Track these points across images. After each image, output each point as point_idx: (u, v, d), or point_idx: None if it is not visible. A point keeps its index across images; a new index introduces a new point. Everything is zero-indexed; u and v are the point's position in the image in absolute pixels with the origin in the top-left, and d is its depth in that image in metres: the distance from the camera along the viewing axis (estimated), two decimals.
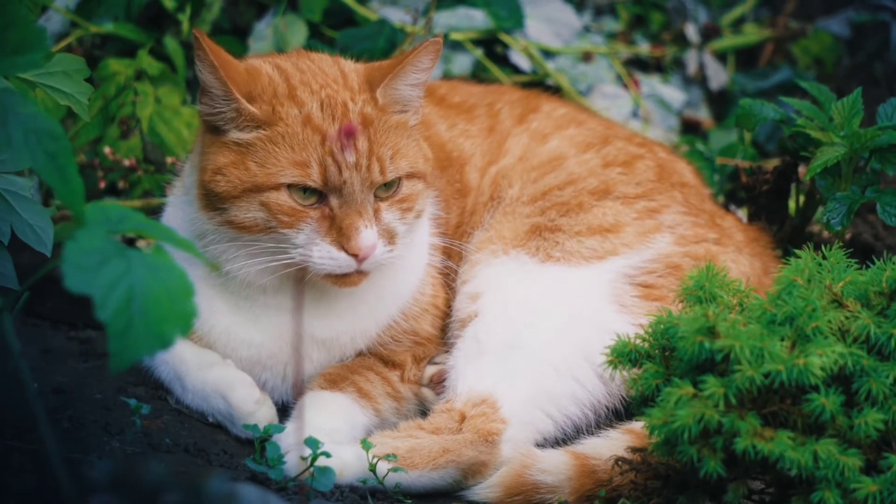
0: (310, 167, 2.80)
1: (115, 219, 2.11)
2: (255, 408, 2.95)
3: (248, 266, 2.89)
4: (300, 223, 2.83)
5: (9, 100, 2.18)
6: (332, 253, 2.82)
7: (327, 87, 2.88)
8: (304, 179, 2.81)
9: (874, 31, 4.54)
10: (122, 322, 2.01)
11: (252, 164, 2.83)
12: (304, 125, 2.82)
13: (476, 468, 2.82)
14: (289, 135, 2.82)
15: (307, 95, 2.86)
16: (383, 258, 2.86)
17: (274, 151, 2.82)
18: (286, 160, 2.81)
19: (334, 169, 2.80)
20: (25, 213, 2.83)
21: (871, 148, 3.18)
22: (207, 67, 2.82)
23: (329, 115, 2.84)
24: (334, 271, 2.84)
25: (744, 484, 2.46)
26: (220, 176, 2.85)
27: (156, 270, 2.06)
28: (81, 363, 3.29)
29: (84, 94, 2.83)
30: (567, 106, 3.48)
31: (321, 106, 2.85)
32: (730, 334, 2.43)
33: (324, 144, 2.81)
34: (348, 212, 2.81)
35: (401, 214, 2.90)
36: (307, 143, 2.81)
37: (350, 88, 2.89)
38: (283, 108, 2.84)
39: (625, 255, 3.06)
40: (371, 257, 2.83)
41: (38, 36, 2.33)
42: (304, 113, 2.83)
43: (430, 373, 3.09)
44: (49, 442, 2.11)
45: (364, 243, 2.80)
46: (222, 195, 2.85)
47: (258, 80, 2.88)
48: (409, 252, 3.02)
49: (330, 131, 2.81)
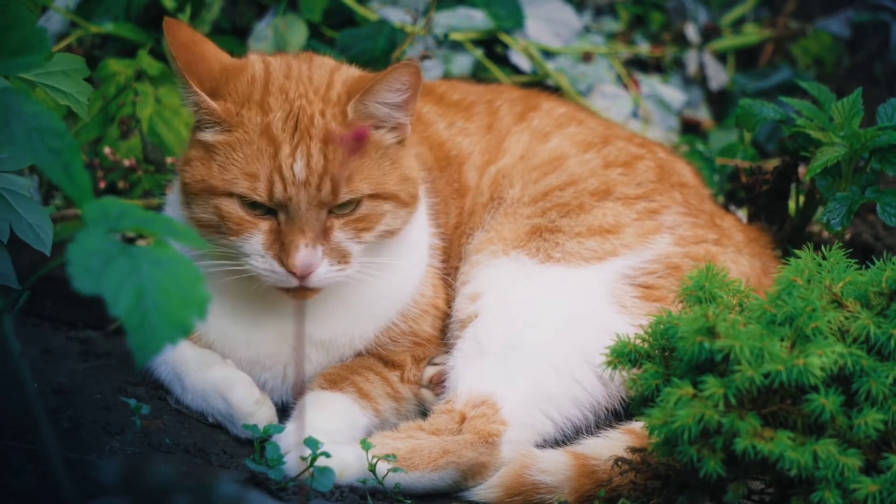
0: (258, 181, 2.79)
1: (114, 215, 2.11)
2: (254, 408, 2.95)
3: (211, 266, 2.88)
4: (246, 233, 2.82)
5: (11, 99, 2.19)
6: (273, 266, 2.81)
7: (303, 98, 2.85)
8: (250, 193, 2.79)
9: (874, 31, 4.54)
10: (138, 317, 2.02)
11: (214, 166, 2.83)
12: (261, 135, 2.80)
13: (476, 469, 2.82)
14: (246, 142, 2.81)
15: (278, 103, 2.84)
16: (330, 277, 2.83)
17: (231, 157, 2.81)
18: (238, 169, 2.80)
19: (280, 186, 2.78)
20: (25, 212, 2.83)
21: (871, 148, 3.18)
22: (169, 57, 2.83)
23: (290, 128, 2.81)
24: (277, 284, 2.84)
25: (744, 484, 2.46)
26: (188, 168, 2.86)
27: (161, 264, 2.07)
28: (81, 363, 3.29)
29: (83, 93, 2.83)
30: (567, 105, 3.48)
31: (286, 117, 2.82)
32: (730, 334, 2.43)
33: (275, 158, 2.78)
34: (292, 228, 2.79)
35: (355, 234, 2.85)
36: (259, 155, 2.79)
37: (326, 100, 2.86)
38: (248, 112, 2.82)
39: (625, 256, 3.06)
40: (313, 276, 2.80)
41: (39, 36, 2.34)
42: (265, 122, 2.81)
43: (429, 374, 3.09)
44: (49, 442, 2.11)
45: (300, 262, 2.78)
46: (186, 188, 2.86)
47: (236, 78, 2.87)
48: (406, 254, 3.02)
49: (286, 146, 2.78)
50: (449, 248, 3.19)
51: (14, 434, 2.62)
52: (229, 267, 2.85)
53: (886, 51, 4.48)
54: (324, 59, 3.02)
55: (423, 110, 3.31)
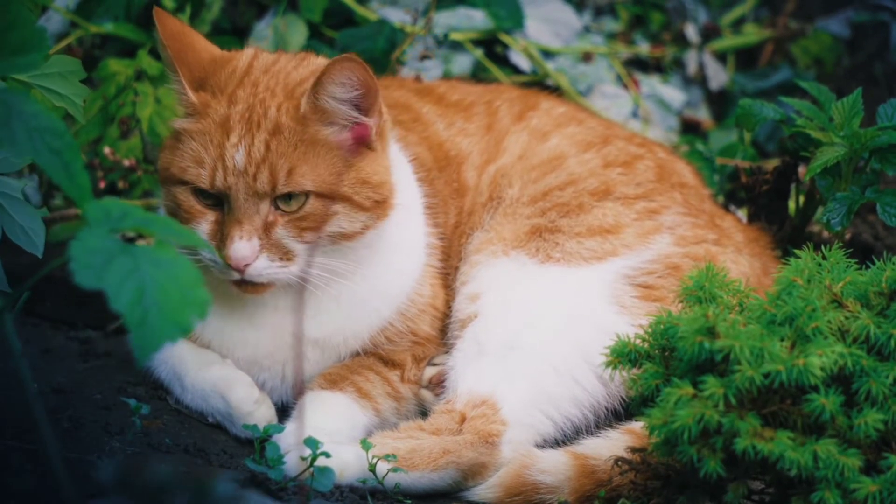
0: (203, 168, 2.82)
1: (116, 216, 2.12)
2: (254, 407, 2.95)
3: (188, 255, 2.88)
4: (195, 221, 2.85)
5: (11, 99, 2.19)
6: (214, 257, 2.83)
7: (268, 91, 2.87)
8: (195, 180, 2.82)
9: (874, 31, 4.54)
10: (139, 314, 2.03)
11: (175, 154, 2.87)
12: (218, 125, 2.83)
13: (476, 469, 2.82)
14: (204, 132, 2.83)
15: (245, 96, 2.86)
16: (270, 273, 2.83)
17: (189, 145, 2.84)
18: (190, 157, 2.84)
19: (221, 174, 2.80)
20: (17, 214, 2.83)
21: (871, 148, 3.18)
22: (160, 46, 2.86)
23: (245, 120, 2.83)
24: (220, 276, 2.85)
25: (744, 484, 2.46)
26: (161, 155, 2.92)
27: (162, 264, 2.08)
28: (81, 363, 3.29)
29: (79, 95, 2.83)
30: (566, 105, 3.48)
31: (246, 109, 2.84)
32: (730, 334, 2.43)
33: (221, 147, 2.81)
34: (230, 219, 2.81)
35: (297, 233, 2.84)
36: (210, 144, 2.82)
37: (289, 95, 2.87)
38: (216, 103, 2.86)
39: (624, 256, 3.06)
40: (252, 269, 2.80)
41: (39, 37, 2.34)
42: (226, 114, 2.84)
43: (429, 374, 3.09)
44: (49, 442, 2.11)
45: (234, 254, 2.78)
46: (158, 176, 2.92)
47: (220, 70, 2.91)
48: (398, 253, 3.02)
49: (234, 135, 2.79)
50: (448, 247, 3.19)
51: (14, 434, 2.62)
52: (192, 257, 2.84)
53: (886, 51, 4.48)
54: (319, 59, 3.02)
55: (423, 111, 3.31)
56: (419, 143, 3.24)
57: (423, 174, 3.18)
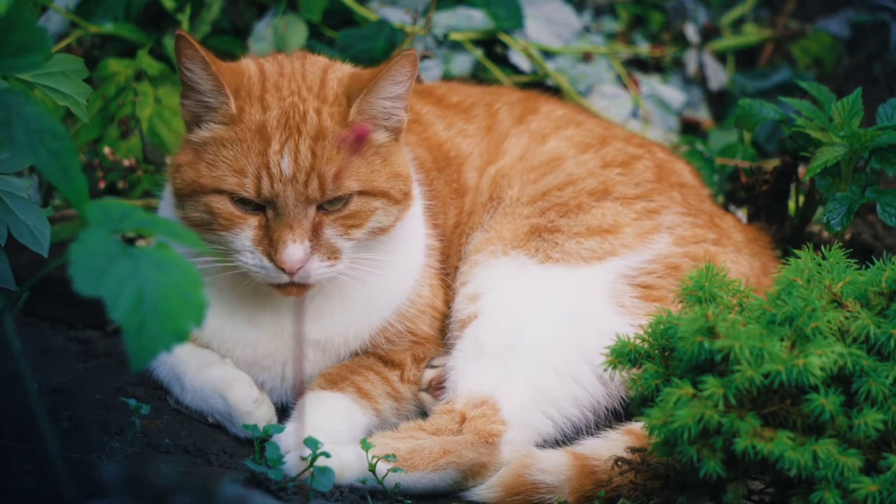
0: (246, 177, 2.81)
1: (116, 217, 2.12)
2: (253, 407, 2.95)
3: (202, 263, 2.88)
4: (237, 228, 2.84)
5: (11, 100, 2.19)
6: (263, 262, 2.83)
7: (296, 95, 2.87)
8: (237, 189, 2.81)
9: (874, 31, 4.54)
10: (136, 321, 2.03)
11: (202, 165, 2.84)
12: (255, 132, 2.82)
13: (476, 469, 2.83)
14: (239, 140, 2.82)
15: (274, 101, 2.86)
16: (321, 273, 2.84)
17: (222, 155, 2.83)
18: (228, 166, 2.82)
19: (267, 182, 2.79)
20: (22, 213, 2.83)
21: (870, 148, 3.18)
22: (199, 64, 2.82)
23: (282, 126, 2.82)
24: (268, 280, 2.85)
25: (743, 484, 2.46)
26: (178, 173, 2.89)
27: (162, 267, 2.08)
28: (81, 363, 3.29)
29: (82, 94, 2.83)
30: (566, 107, 3.48)
31: (281, 114, 2.83)
32: (729, 334, 2.43)
33: (264, 155, 2.80)
34: (280, 224, 2.81)
35: (344, 231, 2.86)
36: (249, 152, 2.81)
37: (321, 98, 2.87)
38: (250, 108, 2.84)
39: (624, 256, 3.07)
40: (303, 271, 2.81)
41: (40, 37, 2.34)
42: (261, 119, 2.83)
43: (428, 377, 3.09)
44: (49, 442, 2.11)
45: (289, 258, 2.79)
46: (178, 191, 2.89)
47: (241, 78, 2.89)
48: (401, 253, 3.02)
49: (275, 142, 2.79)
50: (448, 247, 3.19)
51: (14, 434, 2.62)
52: (219, 263, 2.86)
53: (886, 51, 4.48)
54: (317, 57, 3.03)
55: (423, 112, 3.31)
56: (419, 144, 3.25)
57: (423, 175, 3.18)
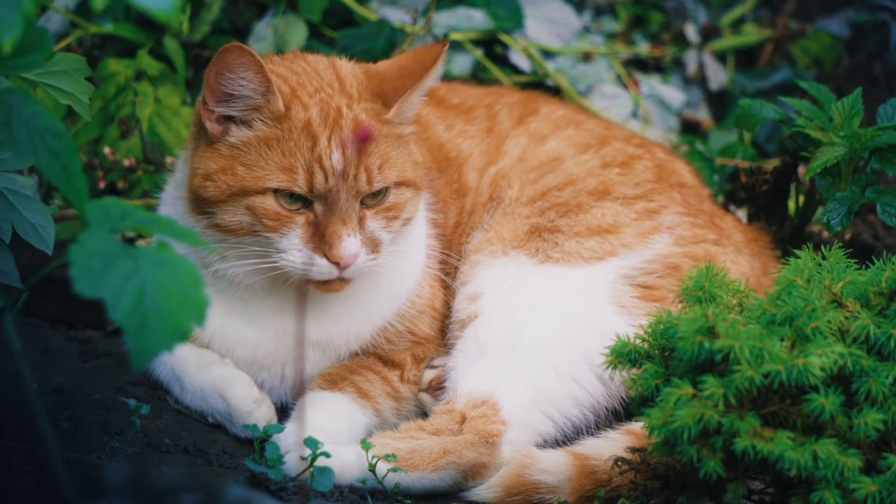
0: (296, 173, 2.81)
1: (116, 216, 2.12)
2: (253, 407, 2.95)
3: (235, 267, 2.90)
4: (284, 228, 2.83)
5: (12, 99, 2.19)
6: (314, 259, 2.83)
7: (322, 92, 2.88)
8: (289, 185, 2.81)
9: (874, 31, 4.54)
10: (137, 321, 2.03)
11: (240, 168, 2.83)
12: (302, 129, 2.83)
13: (476, 470, 2.83)
14: (286, 137, 2.82)
15: (308, 99, 2.86)
16: (365, 266, 2.86)
17: (265, 154, 2.83)
18: (275, 164, 2.82)
19: (321, 177, 2.81)
20: (26, 211, 2.83)
21: (870, 148, 3.18)
22: (252, 68, 2.78)
23: (323, 122, 2.84)
24: (316, 277, 2.85)
25: (743, 484, 2.46)
26: (210, 182, 2.86)
27: (162, 266, 2.08)
28: (81, 363, 3.29)
29: (85, 93, 2.83)
30: (566, 108, 3.48)
31: (320, 111, 2.85)
32: (729, 334, 2.43)
33: (313, 151, 2.81)
34: (332, 219, 2.81)
35: (386, 223, 2.90)
36: (297, 149, 2.82)
37: (347, 94, 2.89)
38: (295, 106, 2.84)
39: (624, 256, 3.07)
40: (353, 265, 2.83)
41: (41, 37, 2.34)
42: (306, 117, 2.83)
43: (428, 377, 3.09)
44: (49, 442, 2.11)
45: (346, 252, 2.80)
46: (210, 200, 2.86)
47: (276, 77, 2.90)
48: (403, 255, 3.02)
49: (322, 138, 2.81)
50: (448, 247, 3.19)
51: (14, 434, 2.62)
52: (257, 266, 2.86)
53: (886, 51, 4.48)
54: (314, 55, 3.04)
55: (423, 112, 3.31)
56: (419, 145, 3.24)
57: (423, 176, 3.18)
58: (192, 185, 2.89)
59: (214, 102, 2.85)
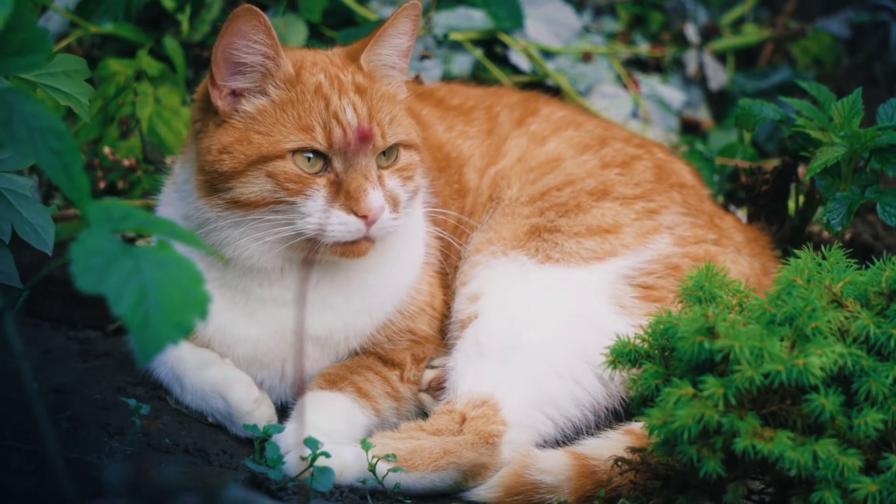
0: (314, 130, 2.86)
1: (117, 217, 2.13)
2: (253, 407, 2.96)
3: (253, 246, 2.89)
4: (307, 189, 2.85)
5: (13, 99, 2.19)
6: (341, 218, 2.84)
7: (318, 64, 2.96)
8: (309, 142, 2.85)
9: (874, 31, 4.54)
10: (140, 316, 2.04)
11: (256, 136, 2.86)
12: (314, 91, 2.89)
13: (476, 470, 2.83)
14: (297, 100, 2.88)
15: (312, 67, 2.94)
16: (389, 225, 2.89)
17: (281, 118, 2.87)
18: (292, 125, 2.86)
19: (339, 131, 2.86)
20: (26, 211, 2.83)
21: (870, 148, 3.19)
22: (263, 30, 2.85)
23: (331, 84, 2.91)
24: (344, 238, 2.86)
25: (743, 484, 2.46)
26: (226, 154, 2.88)
27: (163, 265, 2.08)
28: (81, 363, 3.29)
29: (85, 94, 2.84)
30: (566, 108, 3.48)
31: (326, 76, 2.92)
32: (729, 334, 2.43)
33: (328, 108, 2.87)
34: (354, 175, 2.85)
35: (402, 182, 2.95)
36: (312, 109, 2.88)
37: (337, 65, 2.97)
38: (303, 70, 2.92)
39: (624, 256, 3.07)
40: (379, 221, 2.85)
41: (41, 37, 2.34)
42: (317, 80, 2.90)
43: (428, 377, 3.09)
44: (49, 442, 2.11)
45: (373, 204, 2.83)
46: (227, 173, 2.87)
47: None
48: (404, 246, 3.03)
49: (334, 97, 2.88)
50: (448, 247, 3.19)
51: (14, 434, 2.62)
52: (279, 234, 2.87)
53: (886, 51, 4.48)
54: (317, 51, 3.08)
55: (422, 113, 3.32)
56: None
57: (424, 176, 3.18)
58: (206, 161, 2.90)
59: (226, 76, 2.89)
